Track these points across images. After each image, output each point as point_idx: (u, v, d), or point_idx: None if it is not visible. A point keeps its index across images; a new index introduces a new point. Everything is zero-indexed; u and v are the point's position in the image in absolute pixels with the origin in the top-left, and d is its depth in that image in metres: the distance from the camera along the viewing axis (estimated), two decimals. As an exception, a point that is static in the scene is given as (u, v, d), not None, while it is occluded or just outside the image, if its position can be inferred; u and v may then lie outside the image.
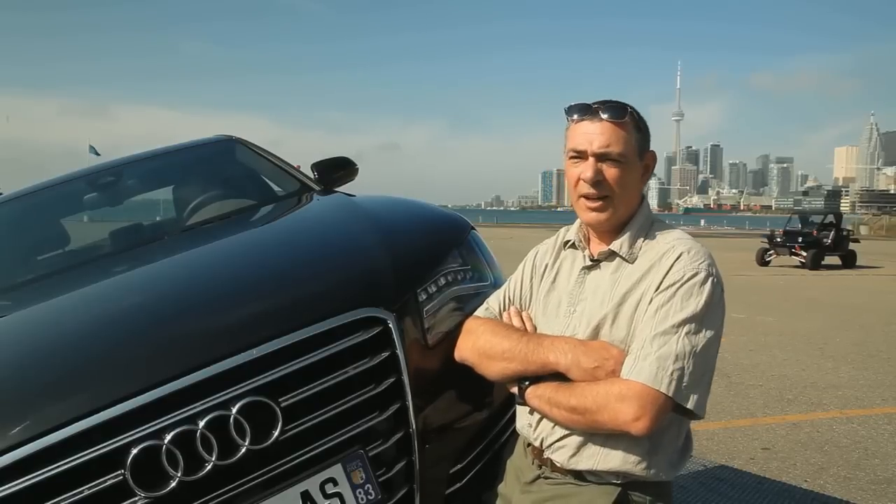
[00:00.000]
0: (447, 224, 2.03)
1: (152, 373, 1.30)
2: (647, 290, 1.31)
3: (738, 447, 3.90)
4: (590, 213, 1.37)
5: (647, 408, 1.22)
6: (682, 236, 1.37)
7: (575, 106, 1.39)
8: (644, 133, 1.39)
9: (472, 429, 1.60)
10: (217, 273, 1.78)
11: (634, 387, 1.23)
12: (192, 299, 1.60)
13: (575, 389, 1.29)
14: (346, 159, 2.87)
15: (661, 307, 1.27)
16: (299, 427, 1.34)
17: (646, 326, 1.28)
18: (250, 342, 1.35)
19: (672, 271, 1.29)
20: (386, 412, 1.43)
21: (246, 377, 1.32)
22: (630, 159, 1.35)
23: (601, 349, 1.31)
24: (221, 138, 3.10)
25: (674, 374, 1.22)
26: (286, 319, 1.43)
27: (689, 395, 1.24)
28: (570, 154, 1.38)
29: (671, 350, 1.23)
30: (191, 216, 2.59)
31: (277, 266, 1.75)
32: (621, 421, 1.23)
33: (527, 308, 1.52)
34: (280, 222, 2.43)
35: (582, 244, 1.45)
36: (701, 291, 1.27)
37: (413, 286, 1.61)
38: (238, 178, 3.00)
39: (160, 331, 1.44)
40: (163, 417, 1.26)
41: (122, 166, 2.94)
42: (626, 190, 1.36)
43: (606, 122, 1.34)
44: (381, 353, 1.45)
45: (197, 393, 1.29)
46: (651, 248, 1.36)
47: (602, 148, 1.33)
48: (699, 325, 1.26)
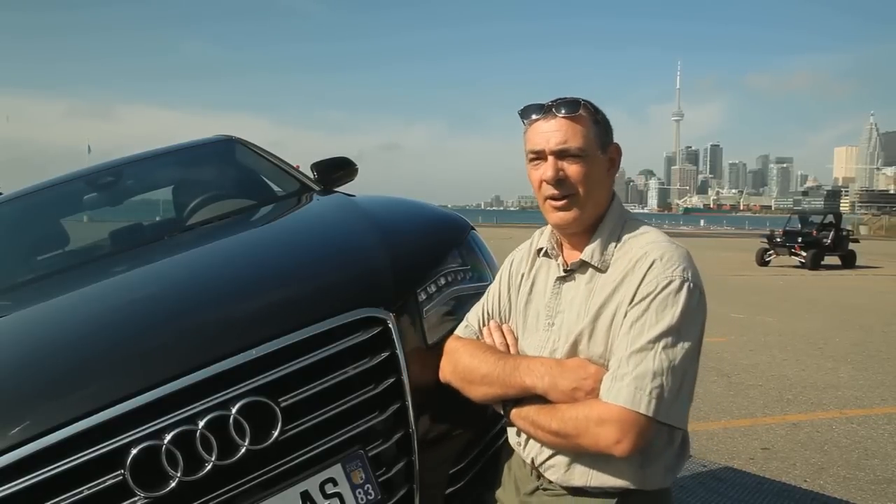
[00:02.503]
0: (447, 224, 2.03)
1: (152, 373, 1.30)
2: (622, 303, 1.27)
3: (738, 447, 3.90)
4: (556, 213, 1.34)
5: (627, 430, 1.19)
6: (656, 239, 1.32)
7: (529, 107, 1.36)
8: (602, 125, 1.35)
9: (471, 429, 1.60)
10: (216, 273, 1.78)
11: (613, 410, 1.20)
12: (191, 299, 1.60)
13: (556, 413, 1.27)
14: (345, 159, 2.87)
15: (636, 322, 1.23)
16: (299, 427, 1.34)
17: (622, 343, 1.24)
18: (250, 342, 1.35)
19: (645, 282, 1.25)
20: (385, 412, 1.43)
21: (246, 377, 1.32)
22: (591, 153, 1.32)
23: (578, 368, 1.28)
24: (221, 138, 3.11)
25: (652, 392, 1.19)
26: (286, 319, 1.43)
27: (669, 410, 1.21)
28: (530, 156, 1.35)
29: (648, 368, 1.20)
30: (190, 216, 2.60)
31: (277, 266, 1.75)
32: (603, 445, 1.21)
33: (507, 321, 1.50)
34: (280, 222, 2.43)
35: (555, 251, 1.42)
36: (676, 301, 1.23)
37: (413, 286, 1.61)
38: (238, 178, 3.00)
39: (160, 331, 1.45)
40: (163, 417, 1.26)
41: (121, 166, 2.94)
42: (592, 186, 1.33)
43: (561, 118, 1.31)
44: (380, 353, 1.45)
45: (197, 393, 1.29)
46: (624, 255, 1.32)
47: (559, 144, 1.30)
48: (676, 337, 1.22)
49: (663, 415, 1.20)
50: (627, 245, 1.34)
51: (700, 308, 1.27)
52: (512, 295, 1.50)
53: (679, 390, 1.22)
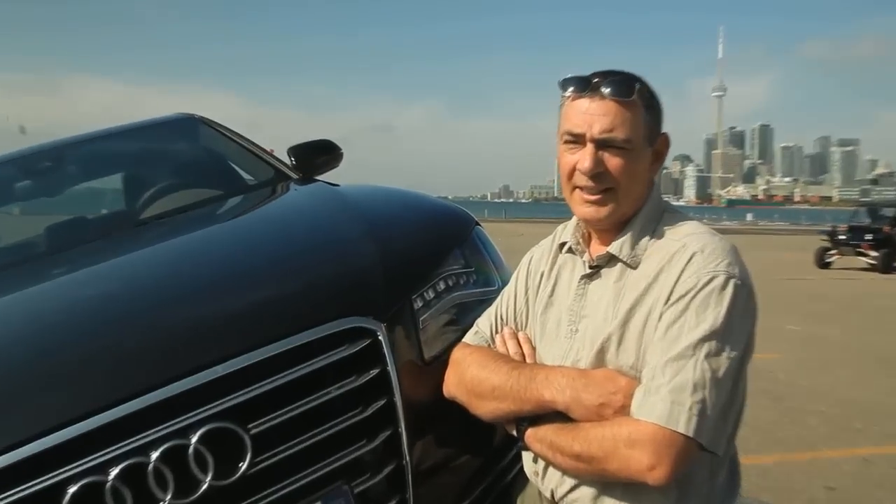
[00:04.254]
0: (447, 219, 2.04)
1: (95, 396, 1.29)
2: (656, 303, 1.28)
3: (797, 486, 3.89)
4: (587, 207, 1.35)
5: (663, 453, 1.18)
6: (697, 230, 1.34)
7: (571, 79, 1.35)
8: (656, 112, 1.36)
9: (478, 459, 1.60)
10: (173, 276, 1.78)
11: (646, 429, 1.19)
12: (142, 308, 1.59)
13: (578, 433, 1.27)
14: (328, 143, 2.88)
15: (673, 324, 1.24)
16: (272, 458, 1.33)
17: (656, 350, 1.24)
18: (214, 358, 1.35)
19: (684, 277, 1.26)
20: (374, 441, 1.43)
21: (208, 399, 1.31)
22: (638, 146, 1.32)
23: (606, 381, 1.28)
24: (181, 117, 3.12)
25: (693, 408, 1.18)
26: (257, 331, 1.43)
27: (713, 432, 1.20)
28: (565, 138, 1.35)
29: (687, 379, 1.19)
30: (144, 209, 2.60)
31: (246, 267, 1.75)
32: (634, 470, 1.20)
33: (524, 327, 1.51)
34: (250, 216, 2.44)
35: (580, 247, 1.43)
36: (720, 300, 1.23)
37: (407, 292, 1.62)
38: (201, 163, 3.01)
39: (103, 346, 1.44)
40: (108, 448, 1.24)
41: (62, 149, 2.95)
42: (633, 182, 1.34)
43: (610, 100, 1.31)
44: (368, 370, 1.45)
45: (149, 419, 1.28)
46: (659, 248, 1.33)
47: (604, 133, 1.30)
48: (721, 343, 1.22)
49: (706, 436, 1.20)
50: (663, 238, 1.35)
51: (749, 310, 1.27)
52: (530, 297, 1.51)
53: (725, 408, 1.22)
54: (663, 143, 1.40)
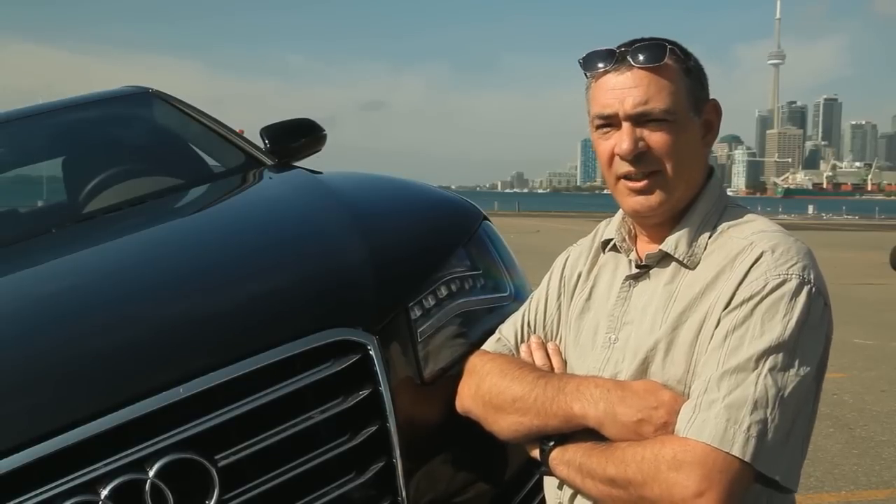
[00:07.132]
0: (450, 212, 2.05)
1: (37, 423, 1.30)
2: (714, 309, 1.29)
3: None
4: (634, 198, 1.36)
5: (713, 479, 1.18)
6: (766, 227, 1.35)
7: (592, 54, 1.37)
8: (696, 75, 1.37)
9: (491, 490, 1.62)
10: (126, 281, 1.78)
11: (695, 449, 1.20)
12: (90, 320, 1.61)
13: (613, 453, 1.28)
14: (308, 122, 2.89)
15: (733, 332, 1.25)
16: (244, 495, 1.34)
17: (711, 360, 1.25)
18: (174, 377, 1.36)
19: (748, 280, 1.27)
20: (365, 474, 1.44)
21: (169, 426, 1.32)
22: (681, 116, 1.34)
23: (646, 394, 1.29)
24: (133, 90, 3.12)
25: (751, 428, 1.19)
26: (225, 346, 1.44)
27: (774, 459, 1.21)
28: (597, 122, 1.37)
29: (747, 394, 1.20)
30: (89, 200, 2.62)
31: (212, 271, 1.77)
32: (678, 498, 1.20)
33: (553, 337, 1.52)
34: (216, 209, 2.46)
35: (626, 245, 1.45)
36: (792, 307, 1.24)
37: (403, 299, 1.63)
38: (157, 146, 3.02)
39: (45, 364, 1.45)
40: (51, 484, 1.25)
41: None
42: (683, 160, 1.35)
43: (639, 69, 1.32)
44: (358, 391, 1.46)
45: (98, 450, 1.29)
46: (720, 247, 1.34)
47: (638, 106, 1.32)
48: (789, 357, 1.22)
49: (764, 463, 1.20)
50: (725, 235, 1.36)
51: (824, 323, 1.28)
52: (563, 302, 1.53)
53: (789, 433, 1.23)
54: (713, 111, 1.41)
